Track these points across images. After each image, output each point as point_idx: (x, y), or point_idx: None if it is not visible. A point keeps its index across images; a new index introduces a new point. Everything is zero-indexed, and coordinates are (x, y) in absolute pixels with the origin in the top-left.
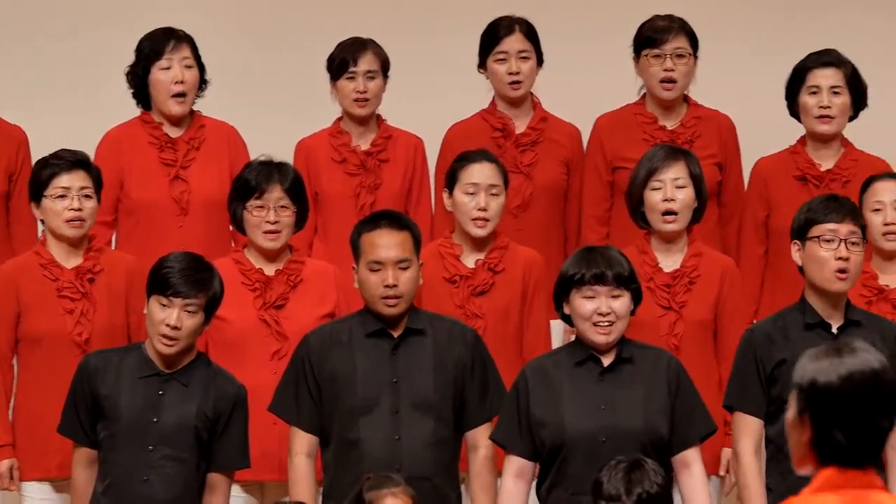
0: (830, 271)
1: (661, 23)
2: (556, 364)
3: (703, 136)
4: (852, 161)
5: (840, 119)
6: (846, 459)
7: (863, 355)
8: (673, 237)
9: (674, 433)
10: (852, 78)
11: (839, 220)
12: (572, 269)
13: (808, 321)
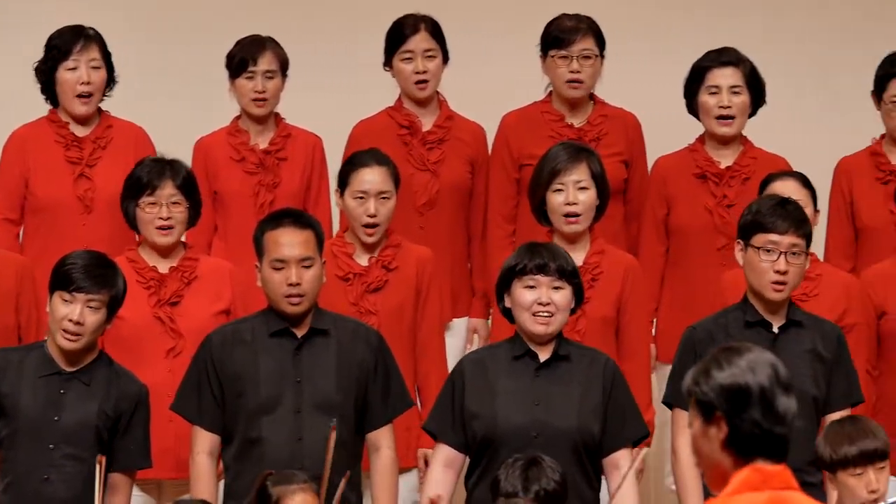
0: (767, 281)
1: (568, 23)
2: (494, 357)
3: (610, 134)
4: (752, 159)
5: (740, 118)
6: (765, 452)
7: (765, 353)
8: (575, 236)
9: (605, 434)
10: (751, 76)
11: (783, 232)
12: (515, 260)
13: (749, 320)
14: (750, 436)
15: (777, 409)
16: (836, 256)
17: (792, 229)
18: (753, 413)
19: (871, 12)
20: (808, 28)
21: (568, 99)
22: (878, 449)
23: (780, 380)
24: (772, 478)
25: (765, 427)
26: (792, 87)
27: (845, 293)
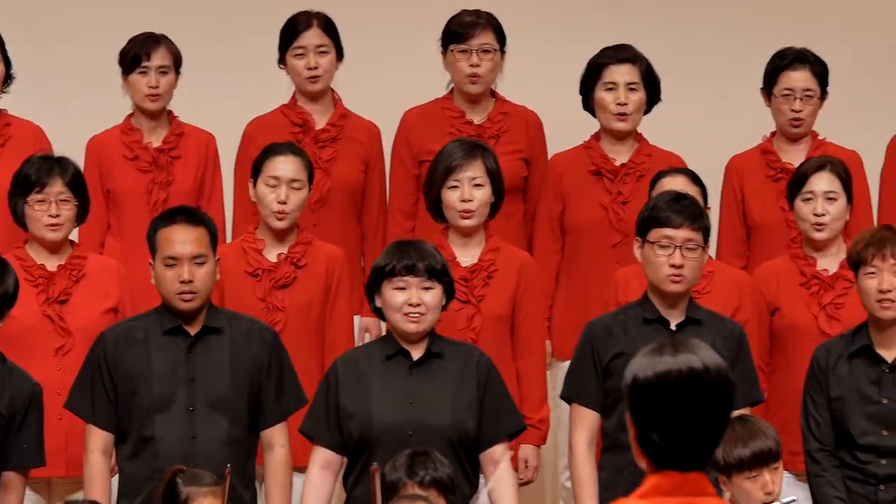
0: (664, 275)
1: (467, 18)
2: (367, 357)
3: (510, 132)
4: (646, 156)
5: (636, 115)
6: (669, 462)
7: (685, 355)
8: (471, 232)
9: (482, 429)
10: (647, 73)
11: (677, 226)
12: (384, 261)
13: (647, 316)
14: (644, 448)
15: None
16: (728, 254)
17: (687, 223)
18: (641, 428)
19: (761, 9)
20: (699, 25)
21: (468, 94)
22: (771, 449)
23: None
24: (684, 484)
25: (659, 443)
26: (685, 84)
27: (737, 290)
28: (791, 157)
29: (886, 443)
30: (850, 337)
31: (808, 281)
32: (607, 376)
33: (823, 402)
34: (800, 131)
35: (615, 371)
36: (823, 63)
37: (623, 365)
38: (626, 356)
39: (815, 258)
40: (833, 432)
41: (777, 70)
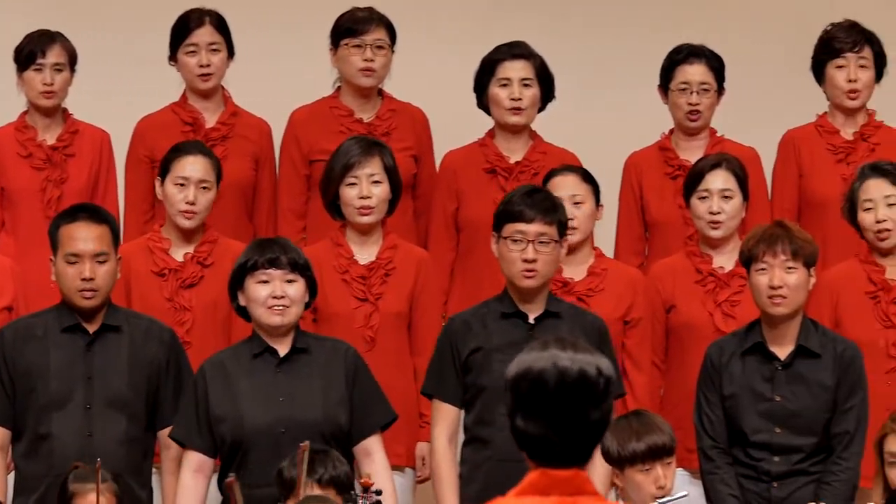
0: (518, 270)
1: (361, 13)
2: (233, 357)
3: (399, 129)
4: (541, 154)
5: (530, 111)
6: (543, 458)
7: (553, 351)
8: (368, 229)
9: (354, 423)
10: (541, 70)
11: (529, 220)
12: (245, 257)
13: (505, 311)
14: (521, 443)
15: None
16: (625, 252)
17: (539, 217)
18: (518, 421)
19: (658, 7)
20: (595, 22)
21: (359, 89)
22: (665, 444)
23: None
24: (561, 482)
25: (535, 434)
26: (581, 81)
27: (631, 287)
28: (689, 154)
29: (779, 440)
30: (743, 334)
31: (704, 278)
32: (467, 371)
33: (717, 400)
34: (697, 125)
35: (474, 366)
36: (719, 58)
37: (482, 359)
38: (484, 350)
39: (710, 256)
40: (726, 430)
41: (673, 65)
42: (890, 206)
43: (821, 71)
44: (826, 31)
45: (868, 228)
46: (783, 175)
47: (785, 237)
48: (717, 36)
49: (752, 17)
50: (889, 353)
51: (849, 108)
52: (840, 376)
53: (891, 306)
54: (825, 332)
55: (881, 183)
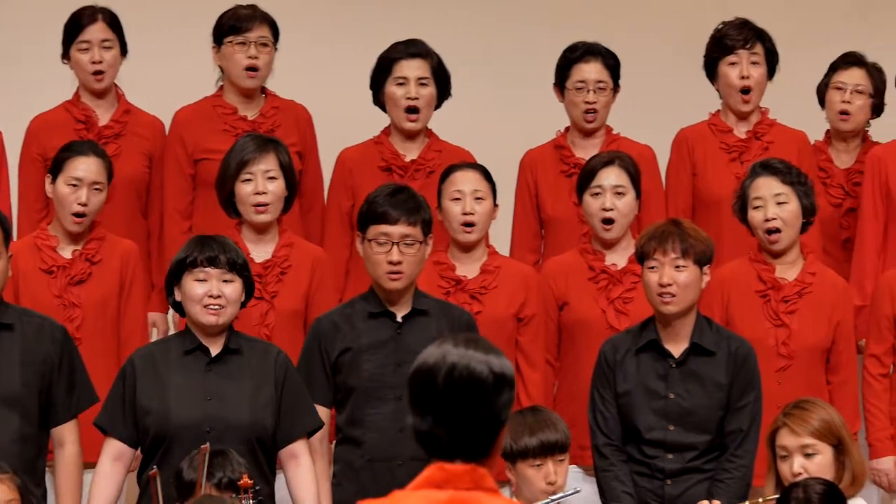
0: (383, 271)
1: (244, 11)
2: (164, 352)
3: (283, 126)
4: (436, 152)
5: (426, 111)
6: (439, 452)
7: (446, 348)
8: (264, 228)
9: (280, 426)
10: (438, 69)
11: (393, 222)
12: (185, 253)
13: (372, 310)
14: (418, 439)
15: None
16: (521, 250)
17: (403, 218)
18: (412, 418)
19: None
20: (492, 20)
21: (242, 90)
22: (558, 441)
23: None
24: (457, 477)
25: (427, 430)
26: (478, 79)
27: (523, 285)
28: (584, 152)
29: (673, 438)
30: (638, 332)
31: (597, 276)
32: (336, 372)
33: (611, 398)
34: (594, 125)
35: (344, 366)
36: (615, 56)
37: (351, 360)
38: (353, 351)
39: (603, 253)
40: (620, 427)
41: (569, 63)
42: (779, 204)
43: (713, 69)
44: (718, 29)
45: (757, 227)
46: (677, 173)
47: (676, 235)
48: (612, 34)
49: (647, 15)
50: (779, 352)
51: (742, 111)
52: (734, 374)
53: (780, 305)
54: (720, 329)
55: (771, 181)
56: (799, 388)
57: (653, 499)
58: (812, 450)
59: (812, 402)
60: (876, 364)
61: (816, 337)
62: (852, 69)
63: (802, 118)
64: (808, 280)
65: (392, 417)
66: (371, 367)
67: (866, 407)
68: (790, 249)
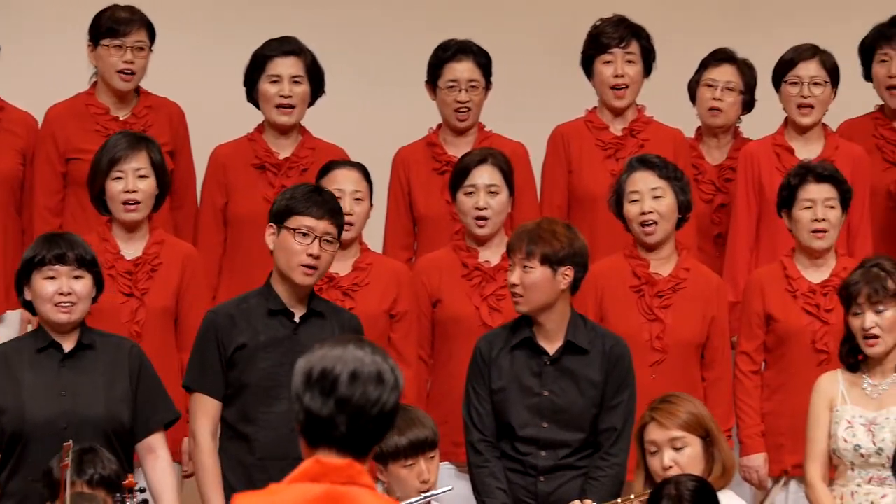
0: (298, 263)
1: (122, 14)
2: (17, 351)
3: (155, 125)
4: (310, 149)
5: (300, 108)
6: (325, 440)
7: (351, 348)
8: (134, 225)
9: (137, 420)
10: (312, 66)
11: (318, 217)
12: (33, 252)
13: (272, 308)
14: (306, 423)
15: (337, 398)
16: (394, 247)
17: (327, 216)
18: (307, 399)
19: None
20: (365, 16)
21: (116, 91)
22: (427, 438)
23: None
24: (333, 471)
25: (323, 415)
26: (351, 77)
27: (395, 281)
28: (456, 149)
29: (546, 435)
30: (513, 329)
31: (470, 273)
32: (231, 367)
33: (485, 394)
34: (466, 124)
35: (239, 361)
36: (487, 54)
37: (248, 356)
38: (250, 347)
39: (477, 250)
40: (495, 423)
41: (441, 62)
42: (656, 198)
43: (590, 66)
44: (595, 27)
45: (633, 220)
46: (552, 170)
47: (525, 236)
48: (486, 31)
49: (521, 10)
50: (653, 346)
51: (616, 108)
52: (608, 372)
53: (654, 300)
54: (594, 327)
55: (648, 175)
56: (673, 382)
57: (525, 495)
58: (681, 443)
59: (678, 395)
60: (747, 361)
61: (690, 332)
62: (723, 66)
63: (678, 114)
64: (683, 275)
65: (285, 416)
66: (267, 365)
67: (737, 404)
68: (665, 245)
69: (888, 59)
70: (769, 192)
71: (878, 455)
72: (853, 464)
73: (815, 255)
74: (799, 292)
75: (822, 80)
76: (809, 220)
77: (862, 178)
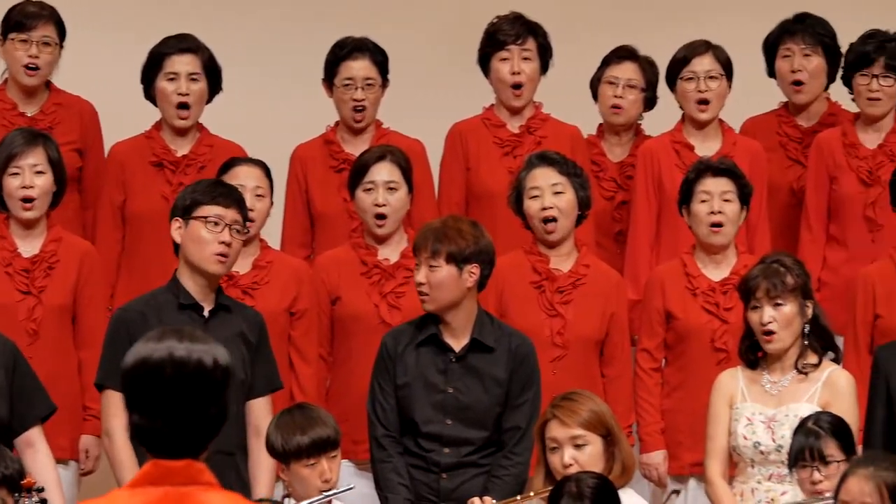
0: (211, 252)
1: (31, 8)
2: None
3: (64, 123)
4: (208, 147)
5: (197, 106)
6: (155, 448)
7: (169, 342)
8: (32, 223)
9: (13, 415)
10: (209, 63)
11: (227, 206)
12: None
13: (182, 302)
14: (135, 432)
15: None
16: (291, 244)
17: (234, 206)
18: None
19: None
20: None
21: (24, 86)
22: (329, 437)
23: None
24: (173, 473)
25: (144, 424)
26: (249, 74)
27: (295, 279)
28: (354, 147)
29: (450, 432)
30: (419, 325)
31: (370, 270)
32: None
33: (390, 389)
34: (363, 123)
35: None
36: (383, 52)
37: None
38: None
39: (376, 248)
40: (399, 419)
41: (337, 60)
42: (556, 194)
43: (487, 64)
44: (491, 24)
45: (533, 216)
46: (450, 168)
47: (431, 235)
48: (384, 29)
49: (420, 9)
50: (553, 342)
51: (514, 106)
52: (513, 371)
53: (555, 296)
54: (501, 325)
55: (548, 171)
56: (573, 378)
57: (428, 492)
58: (582, 440)
59: (580, 393)
60: (647, 358)
61: (590, 328)
62: (624, 63)
63: (577, 111)
64: (583, 272)
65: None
66: None
67: (638, 401)
68: (565, 241)
69: (791, 54)
70: (669, 189)
71: (778, 452)
72: (753, 461)
73: (714, 251)
74: (699, 290)
75: (718, 74)
76: (706, 214)
77: (760, 174)
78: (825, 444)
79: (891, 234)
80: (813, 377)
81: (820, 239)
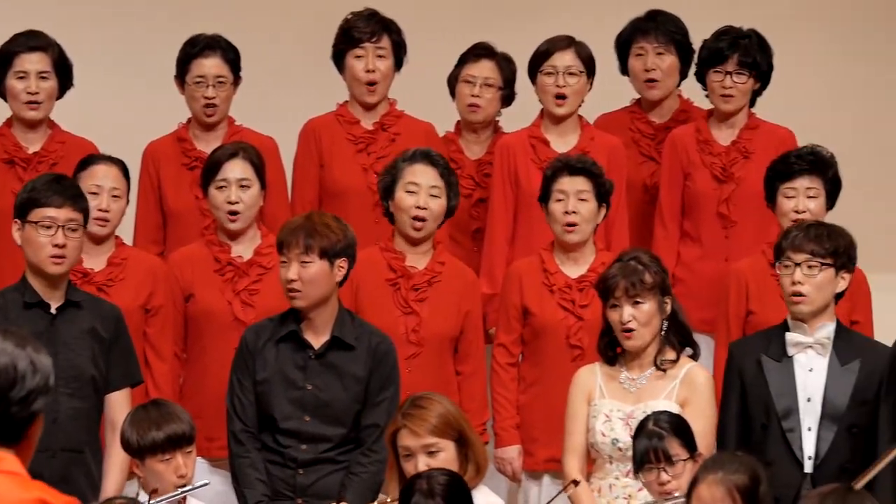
0: (46, 255)
1: None
2: None
3: None
4: (59, 143)
5: (48, 103)
6: None
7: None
8: None
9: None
10: (59, 60)
11: (59, 206)
12: None
13: (28, 300)
14: None
15: None
16: (144, 241)
17: (68, 204)
18: None
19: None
20: (114, 8)
21: None
22: (184, 433)
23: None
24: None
25: None
26: (101, 69)
27: (151, 276)
28: (206, 144)
29: (308, 428)
30: (280, 321)
31: (223, 267)
32: None
33: (249, 384)
34: (214, 120)
35: None
36: (235, 49)
37: None
38: None
39: (229, 245)
40: (257, 415)
41: (189, 58)
42: (432, 196)
43: (341, 60)
44: (346, 21)
45: (405, 210)
46: (303, 165)
47: (300, 231)
48: (236, 26)
49: (273, 5)
50: (408, 339)
51: (367, 103)
52: (373, 369)
53: (410, 293)
54: (362, 324)
55: (430, 171)
56: (428, 376)
57: (284, 488)
58: (435, 448)
59: (428, 397)
60: (504, 353)
61: (446, 325)
62: (482, 61)
63: (435, 107)
64: (438, 269)
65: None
66: None
67: (494, 396)
68: (425, 239)
69: (644, 52)
70: (525, 185)
71: None
72: (611, 457)
73: (570, 248)
74: (555, 287)
75: (578, 70)
76: (561, 213)
77: (618, 170)
78: (669, 443)
79: (743, 230)
80: (671, 374)
81: (674, 235)
